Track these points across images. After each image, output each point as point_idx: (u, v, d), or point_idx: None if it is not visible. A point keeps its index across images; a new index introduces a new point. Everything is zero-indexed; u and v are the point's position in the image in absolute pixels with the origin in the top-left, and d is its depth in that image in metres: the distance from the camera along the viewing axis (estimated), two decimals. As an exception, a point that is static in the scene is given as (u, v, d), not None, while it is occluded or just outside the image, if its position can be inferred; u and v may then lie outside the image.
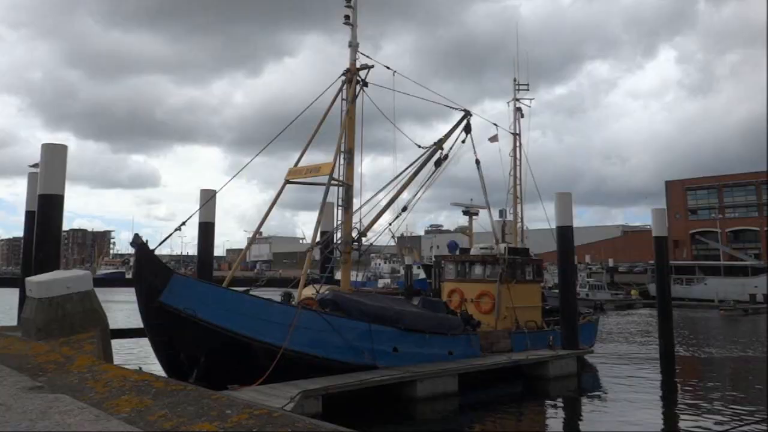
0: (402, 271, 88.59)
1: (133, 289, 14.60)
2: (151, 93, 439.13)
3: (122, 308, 36.98)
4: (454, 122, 22.64)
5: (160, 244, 18.19)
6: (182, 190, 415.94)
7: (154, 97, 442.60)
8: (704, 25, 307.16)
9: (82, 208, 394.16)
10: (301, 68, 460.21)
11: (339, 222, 19.62)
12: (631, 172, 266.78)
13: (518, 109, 28.73)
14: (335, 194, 19.70)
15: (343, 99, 19.71)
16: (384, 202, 20.93)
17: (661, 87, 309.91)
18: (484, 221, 25.88)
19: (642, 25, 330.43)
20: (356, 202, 20.02)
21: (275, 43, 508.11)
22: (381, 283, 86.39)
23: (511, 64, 26.98)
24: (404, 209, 21.15)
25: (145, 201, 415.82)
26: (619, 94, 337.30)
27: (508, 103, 29.14)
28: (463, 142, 22.41)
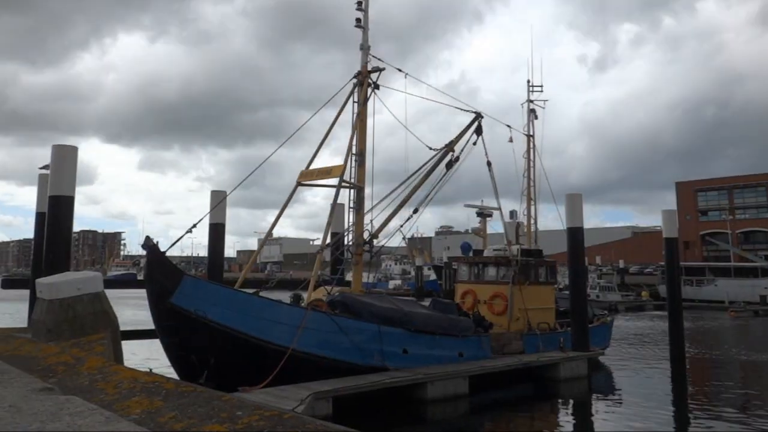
0: (412, 273, 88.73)
1: (144, 291, 14.64)
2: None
3: (133, 309, 37.08)
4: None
5: (171, 246, 18.21)
6: (124, 189, 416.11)
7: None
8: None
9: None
10: (160, 48, 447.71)
11: (350, 224, 19.60)
12: (568, 165, 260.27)
13: (532, 111, 28.54)
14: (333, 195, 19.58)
15: (354, 102, 19.70)
16: (395, 204, 20.90)
17: (567, 65, 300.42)
18: (498, 222, 25.76)
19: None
20: (367, 204, 19.99)
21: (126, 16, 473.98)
22: (391, 284, 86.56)
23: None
24: (415, 211, 21.08)
25: (90, 200, 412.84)
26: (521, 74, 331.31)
27: (521, 104, 29.03)
28: (474, 144, 22.35)
